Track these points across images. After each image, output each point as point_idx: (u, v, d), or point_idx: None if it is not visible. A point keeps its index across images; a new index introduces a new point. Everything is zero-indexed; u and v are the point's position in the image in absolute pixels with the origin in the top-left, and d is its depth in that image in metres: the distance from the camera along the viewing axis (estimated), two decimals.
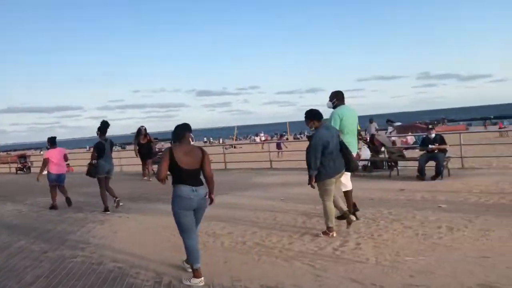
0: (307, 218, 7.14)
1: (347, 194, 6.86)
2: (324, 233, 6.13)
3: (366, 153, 11.92)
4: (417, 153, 13.30)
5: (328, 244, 5.76)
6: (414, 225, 6.31)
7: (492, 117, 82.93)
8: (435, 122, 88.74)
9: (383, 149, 12.43)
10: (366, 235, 6.02)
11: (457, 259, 4.82)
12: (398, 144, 22.10)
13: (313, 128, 6.07)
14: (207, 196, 4.89)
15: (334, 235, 6.06)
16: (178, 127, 4.80)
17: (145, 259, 5.66)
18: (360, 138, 12.74)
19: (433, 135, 10.51)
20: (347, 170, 6.31)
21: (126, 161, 19.80)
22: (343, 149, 6.10)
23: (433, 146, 10.30)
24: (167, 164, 4.64)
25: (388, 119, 25.41)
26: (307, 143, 6.22)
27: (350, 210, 6.60)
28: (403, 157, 11.23)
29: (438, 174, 10.20)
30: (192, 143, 4.86)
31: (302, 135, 58.51)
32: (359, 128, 12.78)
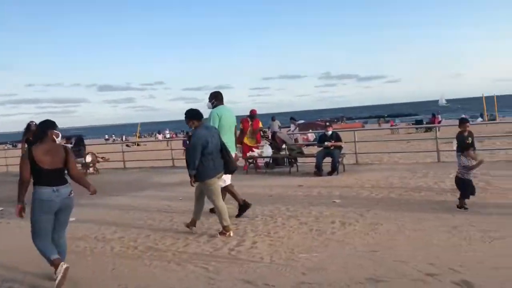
0: (205, 218, 6.90)
1: (227, 189, 6.96)
2: (221, 233, 5.97)
3: (268, 151, 12.01)
4: (316, 149, 13.72)
5: (225, 244, 5.59)
6: (309, 221, 6.38)
7: (385, 115, 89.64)
8: (335, 120, 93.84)
9: (284, 146, 12.61)
10: (263, 233, 5.95)
11: (348, 253, 4.90)
12: (300, 141, 22.75)
13: (193, 128, 5.93)
14: (72, 195, 4.55)
15: (231, 234, 5.92)
16: (39, 125, 4.50)
17: (21, 271, 5.04)
18: (263, 136, 12.85)
19: (329, 133, 10.86)
20: (225, 172, 6.24)
21: (13, 160, 18.03)
22: (223, 150, 6.06)
23: (329, 143, 10.64)
24: (27, 165, 4.31)
25: (291, 117, 26.11)
26: None
27: (242, 202, 6.94)
28: (302, 154, 11.49)
29: (333, 169, 10.57)
30: (58, 141, 4.50)
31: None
32: (261, 126, 12.93)
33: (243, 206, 6.96)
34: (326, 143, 10.74)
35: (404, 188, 8.26)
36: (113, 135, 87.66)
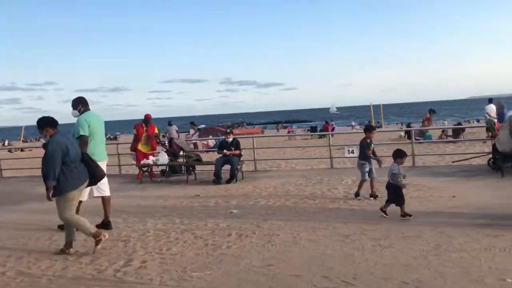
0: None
1: (104, 201, 6.65)
2: (97, 242, 5.49)
3: (163, 158, 11.47)
4: (216, 156, 13.47)
5: (110, 265, 5.05)
6: (205, 235, 6.06)
7: (283, 121, 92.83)
8: (236, 125, 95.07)
9: (182, 153, 12.17)
10: (154, 250, 5.51)
11: (243, 269, 4.67)
12: (200, 147, 22.41)
13: (48, 137, 5.39)
14: None
15: (107, 236, 5.61)
16: None
17: None
18: (158, 142, 12.28)
19: (230, 140, 10.67)
20: (92, 182, 5.79)
21: None
22: (86, 159, 5.63)
23: (227, 152, 10.43)
24: None
25: (191, 122, 25.60)
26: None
27: (107, 220, 6.63)
28: (200, 161, 11.16)
29: (232, 177, 10.39)
30: None
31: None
32: (156, 132, 12.35)
33: (105, 225, 6.59)
34: (224, 151, 10.53)
35: (299, 196, 8.32)
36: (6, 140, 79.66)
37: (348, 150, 11.67)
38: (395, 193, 6.42)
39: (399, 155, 6.59)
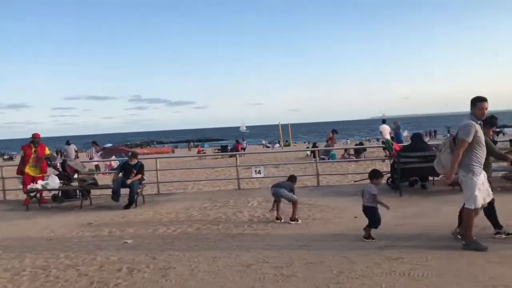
0: None
1: None
2: None
3: (54, 182, 10.37)
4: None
5: None
6: (91, 271, 5.35)
7: (195, 140, 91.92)
8: (145, 144, 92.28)
9: (75, 176, 11.14)
10: None
11: None
12: (102, 169, 21.06)
13: None
14: None
15: None
16: None
17: None
18: (49, 164, 11.14)
19: (133, 163, 9.93)
20: None
21: None
22: None
23: (128, 181, 9.68)
24: None
25: (93, 141, 24.10)
26: None
27: None
28: (95, 185, 10.23)
29: (131, 202, 9.66)
30: None
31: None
32: (47, 153, 11.21)
33: None
34: (127, 181, 9.71)
35: (203, 221, 7.86)
36: None
37: (255, 170, 11.48)
38: (373, 215, 6.12)
39: (376, 175, 6.33)
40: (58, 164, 11.21)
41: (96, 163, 21.26)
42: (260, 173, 11.43)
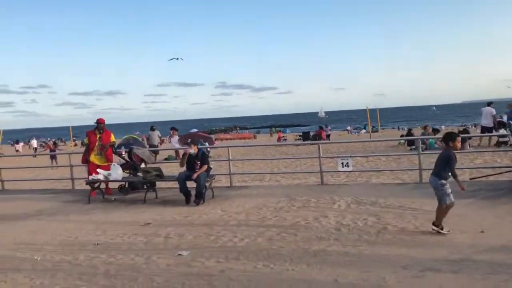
0: None
1: None
2: None
3: (117, 173, 9.44)
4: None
5: None
6: None
7: (277, 125, 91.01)
8: (230, 128, 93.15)
9: (143, 165, 10.19)
10: None
11: None
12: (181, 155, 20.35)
13: None
14: None
15: None
16: None
17: None
18: (114, 152, 10.29)
19: (191, 151, 8.65)
20: None
21: None
22: None
23: (194, 175, 8.40)
24: None
25: (172, 127, 23.64)
26: None
27: None
28: (160, 177, 9.14)
29: (198, 197, 8.41)
30: None
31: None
32: (112, 140, 10.36)
33: None
34: (192, 176, 8.46)
35: (277, 228, 6.33)
36: None
37: (342, 163, 9.71)
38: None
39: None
40: (124, 153, 10.30)
41: (175, 149, 20.64)
42: (348, 166, 9.65)
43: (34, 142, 45.93)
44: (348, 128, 66.45)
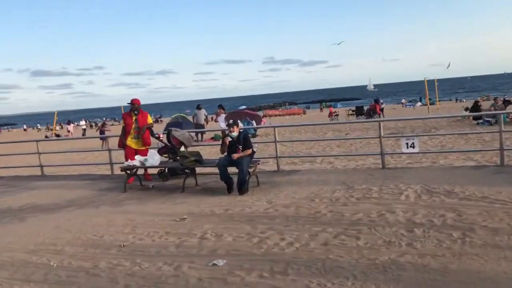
0: None
1: None
2: None
3: (154, 159, 8.63)
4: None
5: None
6: None
7: (328, 100, 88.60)
8: (280, 104, 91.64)
9: (182, 148, 9.34)
10: None
11: None
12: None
13: None
14: None
15: None
16: None
17: None
18: (152, 135, 9.53)
19: (234, 134, 7.63)
20: None
21: None
22: None
23: (234, 155, 7.42)
24: None
25: (219, 104, 22.82)
26: None
27: None
28: (199, 162, 8.23)
29: (242, 185, 7.44)
30: None
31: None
32: (150, 122, 9.56)
33: None
34: (232, 155, 7.50)
35: (333, 227, 5.23)
36: (39, 124, 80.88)
37: (407, 144, 8.39)
38: None
39: None
40: (162, 135, 9.46)
41: (222, 129, 19.84)
42: (413, 146, 8.32)
43: (83, 123, 46.61)
44: (403, 101, 63.29)
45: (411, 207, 5.77)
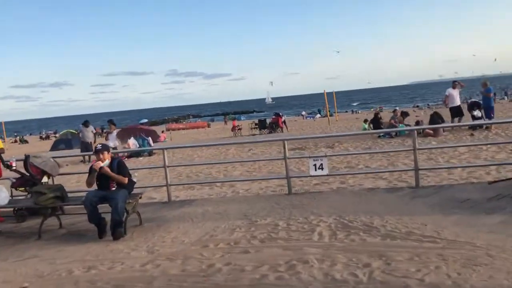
0: None
1: None
2: None
3: (0, 196, 6.59)
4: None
5: None
6: None
7: (232, 112, 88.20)
8: (184, 117, 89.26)
9: (45, 179, 7.40)
10: None
11: None
12: (121, 151, 17.35)
13: None
14: None
15: None
16: None
17: None
18: (4, 164, 7.47)
19: (105, 163, 5.93)
20: None
21: None
22: None
23: (101, 166, 5.73)
24: None
25: (109, 119, 20.49)
26: None
27: None
28: (61, 199, 6.34)
29: (115, 230, 5.77)
30: None
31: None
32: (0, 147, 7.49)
33: None
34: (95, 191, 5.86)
35: None
36: None
37: (315, 165, 7.33)
38: None
39: None
40: (15, 163, 7.37)
41: (113, 145, 17.63)
42: (322, 168, 7.30)
43: None
44: (303, 113, 64.58)
45: (327, 252, 4.59)
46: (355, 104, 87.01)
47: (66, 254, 5.36)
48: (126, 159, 15.98)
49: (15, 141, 48.19)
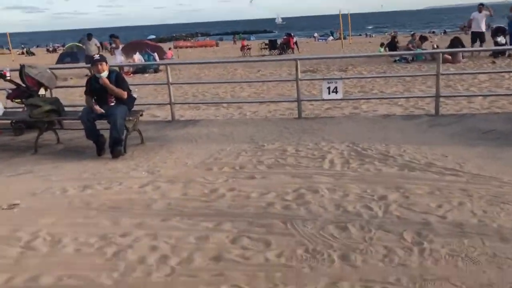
0: None
1: None
2: None
3: None
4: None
5: None
6: None
7: (242, 32, 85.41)
8: (192, 35, 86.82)
9: (42, 91, 6.98)
10: None
11: None
12: (125, 67, 16.74)
13: None
14: None
15: None
16: None
17: None
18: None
19: (104, 73, 5.47)
20: None
21: None
22: None
23: (97, 108, 5.35)
24: None
25: (111, 34, 19.63)
26: None
27: None
28: (58, 113, 5.99)
29: (114, 147, 5.46)
30: None
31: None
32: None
33: None
34: (95, 107, 5.46)
35: (235, 219, 3.56)
36: None
37: (329, 88, 6.83)
38: None
39: None
40: (8, 73, 6.89)
41: (119, 61, 16.99)
42: (336, 91, 6.81)
43: None
44: (315, 35, 62.36)
45: (338, 182, 4.26)
46: (370, 27, 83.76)
47: (61, 171, 5.09)
48: (131, 75, 15.45)
49: (22, 53, 47.35)
